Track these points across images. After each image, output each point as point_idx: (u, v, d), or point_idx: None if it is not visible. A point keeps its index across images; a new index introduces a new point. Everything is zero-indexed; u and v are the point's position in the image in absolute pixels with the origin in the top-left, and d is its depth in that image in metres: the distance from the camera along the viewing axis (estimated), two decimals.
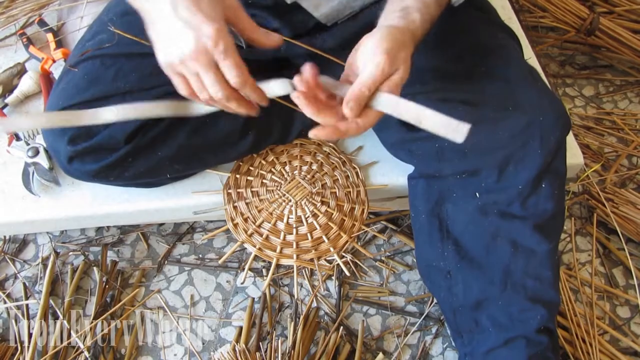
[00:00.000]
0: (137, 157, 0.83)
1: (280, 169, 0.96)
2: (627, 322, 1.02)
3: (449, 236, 0.83)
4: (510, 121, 0.74)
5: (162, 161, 0.86)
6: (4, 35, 1.18)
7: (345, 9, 0.86)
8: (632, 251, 1.10)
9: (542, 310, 0.79)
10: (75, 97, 0.80)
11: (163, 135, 0.84)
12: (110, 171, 0.84)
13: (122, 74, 0.81)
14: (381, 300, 1.03)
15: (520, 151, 0.75)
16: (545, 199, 0.77)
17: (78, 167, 0.83)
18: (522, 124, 0.74)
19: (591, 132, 1.31)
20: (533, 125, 0.74)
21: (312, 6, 0.84)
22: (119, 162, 0.82)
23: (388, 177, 0.98)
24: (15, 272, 1.05)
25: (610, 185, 1.17)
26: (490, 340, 0.81)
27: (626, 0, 1.38)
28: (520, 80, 0.76)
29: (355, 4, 0.86)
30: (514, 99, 0.74)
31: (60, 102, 0.80)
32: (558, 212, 0.79)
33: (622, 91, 1.41)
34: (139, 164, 0.84)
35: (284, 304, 1.02)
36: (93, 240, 1.09)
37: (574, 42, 1.45)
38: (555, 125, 0.74)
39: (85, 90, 0.80)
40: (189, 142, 0.86)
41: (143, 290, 1.04)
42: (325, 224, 0.92)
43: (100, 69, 0.81)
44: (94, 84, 0.80)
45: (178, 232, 1.11)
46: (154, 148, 0.84)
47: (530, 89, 0.75)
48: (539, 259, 0.79)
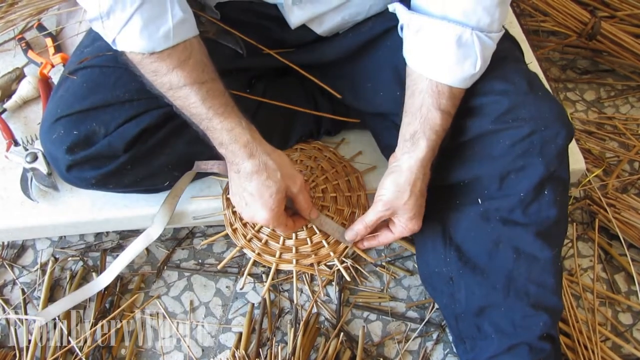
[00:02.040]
0: (136, 164, 0.83)
1: None
2: (629, 328, 1.02)
3: (451, 242, 0.82)
4: (511, 131, 0.74)
5: (161, 168, 0.86)
6: (3, 40, 1.18)
7: (347, 24, 0.87)
8: (634, 257, 1.09)
9: (544, 317, 0.79)
10: (75, 105, 0.79)
11: (162, 143, 0.83)
12: (109, 179, 0.83)
13: (121, 82, 0.80)
14: (382, 305, 1.03)
15: (521, 159, 0.75)
16: (547, 206, 0.76)
17: (77, 175, 0.82)
18: (523, 134, 0.73)
19: (593, 137, 1.30)
20: (534, 134, 0.73)
21: (316, 24, 0.86)
22: (118, 170, 0.82)
23: None
24: (14, 278, 1.04)
25: (612, 190, 1.16)
26: (492, 346, 0.80)
27: (628, 4, 1.38)
28: (520, 92, 0.75)
29: (358, 19, 0.87)
30: (513, 112, 0.74)
31: (59, 110, 0.79)
32: (561, 219, 0.79)
33: (624, 96, 1.41)
34: (138, 172, 0.84)
35: (284, 309, 1.02)
36: (92, 246, 1.08)
37: (576, 47, 1.45)
38: (557, 134, 0.74)
39: (85, 98, 0.79)
40: (188, 151, 0.86)
41: (142, 295, 1.03)
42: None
43: (100, 77, 0.80)
44: (94, 92, 0.79)
45: (177, 238, 1.11)
46: (153, 156, 0.83)
47: (530, 100, 0.75)
48: (541, 265, 0.79)
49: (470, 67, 0.73)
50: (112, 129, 0.78)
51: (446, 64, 0.72)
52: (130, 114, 0.79)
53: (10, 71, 1.08)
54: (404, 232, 0.80)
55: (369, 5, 0.85)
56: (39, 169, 0.93)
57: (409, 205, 0.76)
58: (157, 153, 0.83)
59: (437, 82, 0.73)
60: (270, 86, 0.95)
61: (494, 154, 0.75)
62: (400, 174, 0.75)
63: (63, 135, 0.78)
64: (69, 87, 0.82)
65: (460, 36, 0.71)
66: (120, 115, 0.79)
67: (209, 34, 0.82)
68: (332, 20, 0.86)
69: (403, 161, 0.75)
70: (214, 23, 0.84)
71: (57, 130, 0.79)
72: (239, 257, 1.08)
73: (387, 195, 0.76)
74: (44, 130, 0.81)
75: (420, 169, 0.75)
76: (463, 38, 0.71)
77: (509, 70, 0.78)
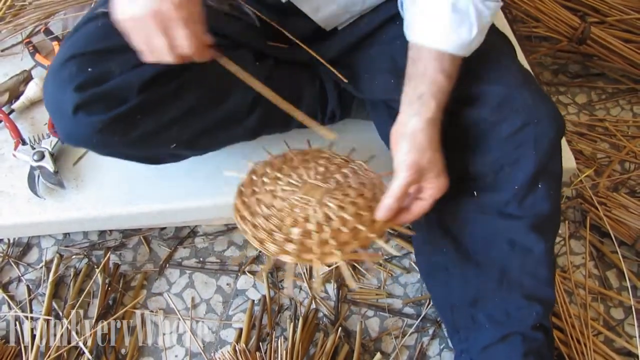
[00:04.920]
0: (147, 113, 0.78)
1: (288, 180, 0.88)
2: (620, 323, 1.04)
3: (448, 233, 0.84)
4: (504, 123, 0.76)
5: (171, 123, 0.81)
6: (11, 44, 1.21)
7: (344, 13, 0.89)
8: (625, 254, 1.12)
9: (537, 308, 0.80)
10: (90, 45, 0.76)
11: (175, 92, 0.80)
12: (117, 126, 0.77)
13: None
14: (379, 302, 1.05)
15: (515, 153, 0.76)
16: (541, 199, 0.78)
17: (83, 119, 0.75)
18: (516, 126, 0.75)
19: (584, 139, 1.33)
20: (527, 127, 0.75)
21: (311, 10, 0.87)
22: (127, 115, 0.76)
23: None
24: (19, 275, 1.06)
25: (603, 189, 1.19)
26: (486, 336, 0.82)
27: (617, 10, 1.42)
28: (515, 83, 0.77)
29: (354, 9, 0.88)
30: (509, 101, 0.76)
31: (74, 48, 0.76)
32: (554, 212, 0.81)
33: (614, 99, 1.44)
34: (148, 122, 0.79)
35: (284, 306, 1.04)
36: (96, 244, 1.11)
37: (567, 51, 1.48)
38: (550, 127, 0.76)
39: (102, 39, 0.76)
40: (199, 104, 0.83)
41: (145, 292, 1.05)
42: (354, 213, 0.82)
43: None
44: (111, 36, 0.74)
45: (179, 236, 1.13)
46: (164, 105, 0.80)
47: (524, 91, 0.76)
48: (535, 257, 0.80)
49: (466, 34, 0.73)
50: (128, 69, 0.75)
51: (443, 30, 0.73)
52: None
53: (18, 73, 1.11)
54: (436, 193, 0.75)
55: None
56: (46, 167, 0.96)
57: (434, 161, 0.73)
58: (169, 103, 0.80)
59: (437, 50, 0.73)
60: (279, 65, 0.94)
61: (489, 146, 0.77)
62: (415, 136, 0.73)
63: (74, 73, 0.74)
64: (83, 32, 0.78)
65: (456, 2, 0.72)
66: (138, 59, 0.73)
67: (224, 5, 0.84)
68: (327, 6, 0.86)
69: (414, 123, 0.73)
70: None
71: (69, 68, 0.74)
72: (240, 256, 1.11)
73: (410, 157, 0.72)
74: (53, 70, 0.76)
75: (433, 128, 0.73)
76: (459, 4, 0.72)
77: (505, 63, 0.80)
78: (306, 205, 0.84)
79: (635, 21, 1.41)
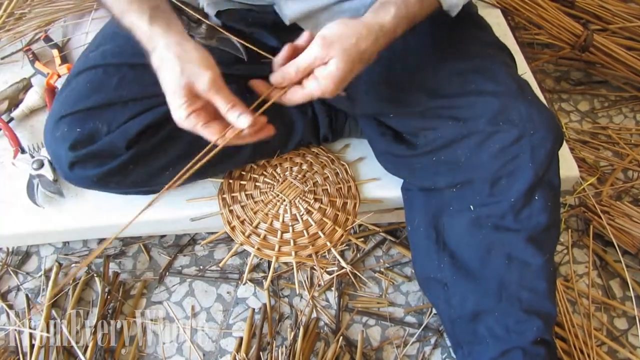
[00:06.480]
0: (138, 164, 0.84)
1: (272, 172, 0.99)
2: (624, 333, 1.03)
3: (445, 248, 0.83)
4: (500, 135, 0.75)
5: (163, 169, 0.86)
6: (11, 52, 1.20)
7: None
8: (629, 263, 1.11)
9: (537, 322, 0.79)
10: (78, 103, 0.81)
11: (164, 142, 0.84)
12: (112, 177, 0.84)
13: (125, 82, 0.82)
14: (380, 311, 1.04)
15: (511, 164, 0.76)
16: (538, 212, 0.77)
17: (79, 173, 0.83)
18: (512, 138, 0.75)
19: (587, 146, 1.33)
20: (523, 138, 0.74)
21: (312, 27, 0.87)
22: (119, 169, 0.83)
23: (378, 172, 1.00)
24: (18, 283, 1.06)
25: (606, 198, 1.18)
26: (488, 351, 0.81)
27: (619, 18, 1.42)
28: (511, 94, 0.77)
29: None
30: (504, 113, 0.75)
31: (63, 108, 0.81)
32: (552, 224, 0.79)
33: (617, 106, 1.44)
34: (140, 171, 0.85)
35: (284, 314, 1.03)
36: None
37: (569, 59, 1.48)
38: (546, 138, 0.75)
39: (88, 97, 0.81)
40: (190, 150, 0.83)
41: (144, 301, 1.05)
42: (320, 220, 0.94)
43: (103, 77, 0.82)
44: (97, 92, 0.81)
45: (179, 244, 1.13)
46: (154, 155, 0.84)
47: (520, 103, 0.76)
48: (533, 271, 0.79)
49: None
50: (114, 127, 0.80)
51: None
52: (132, 113, 0.81)
53: (18, 81, 1.11)
54: (321, 86, 0.67)
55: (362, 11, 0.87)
56: (45, 175, 0.95)
57: (349, 52, 0.66)
58: (159, 152, 0.84)
59: None
60: None
61: (484, 158, 0.77)
62: (355, 20, 0.68)
63: (66, 133, 0.80)
64: (73, 87, 0.83)
65: None
66: (123, 114, 0.80)
67: (211, 40, 0.84)
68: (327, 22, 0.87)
69: (365, 16, 0.69)
70: (215, 30, 0.86)
71: (61, 128, 0.80)
72: (240, 264, 1.10)
73: (331, 31, 0.66)
74: (49, 129, 0.82)
75: (378, 31, 0.68)
76: None
77: (500, 73, 0.80)
78: (279, 203, 0.96)
79: (638, 29, 1.40)
